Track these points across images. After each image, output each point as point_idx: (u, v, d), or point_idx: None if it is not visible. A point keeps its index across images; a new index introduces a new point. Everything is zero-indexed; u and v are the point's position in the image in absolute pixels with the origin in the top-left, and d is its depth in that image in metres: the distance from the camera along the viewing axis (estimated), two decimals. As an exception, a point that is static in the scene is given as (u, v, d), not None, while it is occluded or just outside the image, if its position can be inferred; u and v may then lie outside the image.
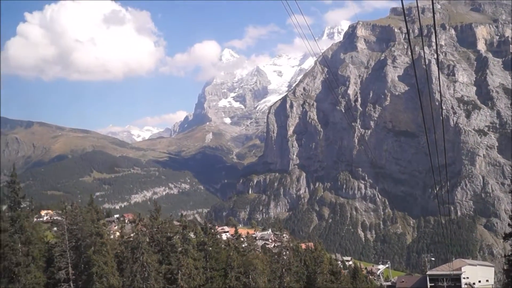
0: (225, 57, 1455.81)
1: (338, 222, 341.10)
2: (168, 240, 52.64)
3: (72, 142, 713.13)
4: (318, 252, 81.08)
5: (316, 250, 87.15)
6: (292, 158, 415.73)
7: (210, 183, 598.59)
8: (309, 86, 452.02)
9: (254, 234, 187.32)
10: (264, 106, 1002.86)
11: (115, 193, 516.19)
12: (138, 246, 46.24)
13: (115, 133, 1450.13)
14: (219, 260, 56.44)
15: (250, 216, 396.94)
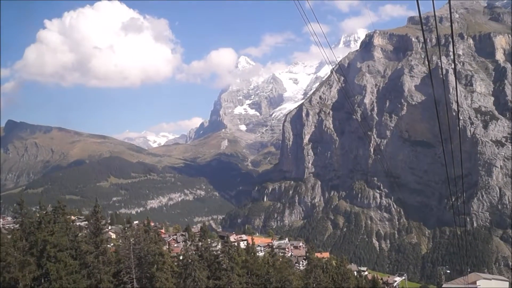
0: (241, 64, 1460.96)
1: (353, 231, 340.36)
2: (216, 258, 57.74)
3: (89, 147, 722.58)
4: (344, 267, 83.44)
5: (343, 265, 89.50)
6: (307, 167, 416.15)
7: (225, 189, 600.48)
8: (325, 95, 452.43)
9: (271, 243, 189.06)
10: (279, 113, 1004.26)
11: (132, 199, 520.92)
12: (190, 263, 51.89)
13: (131, 138, 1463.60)
14: (259, 277, 60.34)
15: (265, 224, 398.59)
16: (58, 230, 47.85)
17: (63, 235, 47.58)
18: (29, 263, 42.12)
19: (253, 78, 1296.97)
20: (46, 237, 44.29)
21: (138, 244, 52.33)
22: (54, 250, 43.61)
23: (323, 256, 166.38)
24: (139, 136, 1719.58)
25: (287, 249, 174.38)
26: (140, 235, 56.59)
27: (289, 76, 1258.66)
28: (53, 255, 43.44)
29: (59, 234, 47.24)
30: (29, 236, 47.07)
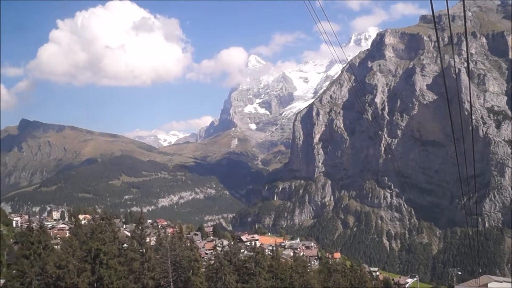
0: (251, 63, 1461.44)
1: (363, 231, 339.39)
2: (244, 263, 61.68)
3: (101, 146, 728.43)
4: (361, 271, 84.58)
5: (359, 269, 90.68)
6: (317, 166, 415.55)
7: (235, 188, 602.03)
8: (336, 94, 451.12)
9: (283, 242, 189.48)
10: (289, 112, 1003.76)
11: (143, 197, 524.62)
12: (220, 268, 56.56)
13: (142, 137, 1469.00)
14: (283, 280, 63.32)
15: (275, 223, 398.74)
16: (108, 240, 52.04)
17: (112, 244, 52.21)
18: (85, 270, 46.71)
19: (263, 77, 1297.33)
20: (99, 246, 48.16)
21: (174, 250, 56.42)
22: (106, 258, 48.13)
23: (335, 257, 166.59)
24: (150, 135, 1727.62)
25: (298, 249, 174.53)
26: (175, 242, 61.12)
27: (299, 75, 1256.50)
28: (105, 262, 47.95)
29: (109, 243, 51.64)
30: (83, 245, 50.98)
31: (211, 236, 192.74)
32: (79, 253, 47.11)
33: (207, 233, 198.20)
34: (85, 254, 48.08)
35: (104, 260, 47.63)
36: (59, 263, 46.05)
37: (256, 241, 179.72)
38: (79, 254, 47.51)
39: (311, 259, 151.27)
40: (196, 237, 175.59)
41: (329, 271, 77.01)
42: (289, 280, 63.70)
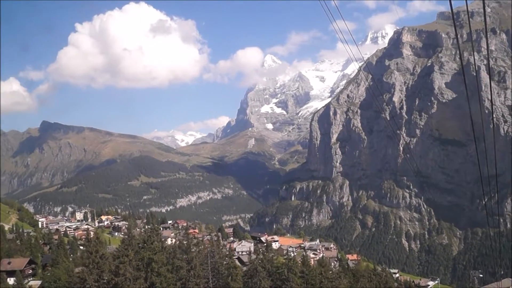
0: (267, 63, 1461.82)
1: (382, 231, 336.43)
2: (277, 270, 64.75)
3: (120, 147, 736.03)
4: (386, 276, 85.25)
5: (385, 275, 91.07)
6: (335, 166, 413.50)
7: (253, 188, 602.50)
8: (353, 93, 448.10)
9: (302, 244, 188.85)
10: (306, 111, 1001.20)
11: (162, 197, 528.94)
12: (255, 274, 59.62)
13: (159, 137, 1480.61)
14: (313, 285, 65.33)
15: (292, 223, 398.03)
16: (158, 249, 56.37)
17: (162, 253, 56.50)
18: (140, 277, 50.80)
19: (279, 76, 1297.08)
20: (150, 256, 52.83)
21: (213, 257, 61.18)
22: (157, 266, 52.55)
23: (354, 258, 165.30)
24: (167, 135, 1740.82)
25: (318, 250, 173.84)
26: (214, 250, 65.59)
27: (316, 74, 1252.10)
28: (156, 270, 52.31)
29: (159, 252, 55.86)
30: (136, 255, 55.05)
31: (231, 237, 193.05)
32: (135, 263, 51.69)
33: (227, 234, 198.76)
34: (139, 263, 52.83)
35: (155, 268, 52.26)
36: (116, 271, 50.02)
37: (276, 242, 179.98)
38: (135, 263, 51.66)
39: (331, 260, 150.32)
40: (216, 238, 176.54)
41: (356, 276, 77.53)
42: (319, 285, 65.79)
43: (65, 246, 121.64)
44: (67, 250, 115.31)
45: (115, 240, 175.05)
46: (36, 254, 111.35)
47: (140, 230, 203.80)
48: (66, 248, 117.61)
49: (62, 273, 71.83)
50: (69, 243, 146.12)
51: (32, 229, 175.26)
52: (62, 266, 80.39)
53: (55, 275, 71.75)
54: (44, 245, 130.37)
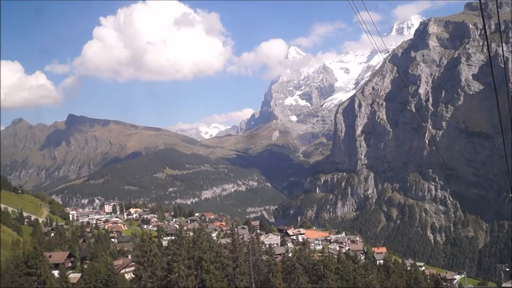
0: (291, 55, 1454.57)
1: (407, 224, 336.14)
2: (314, 266, 67.45)
3: (145, 139, 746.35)
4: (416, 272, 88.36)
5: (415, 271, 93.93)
6: (360, 158, 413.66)
7: (277, 180, 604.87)
8: (378, 85, 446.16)
9: (328, 236, 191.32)
10: (330, 103, 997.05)
11: (187, 189, 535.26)
12: (293, 270, 63.04)
13: (184, 130, 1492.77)
14: (348, 281, 68.61)
15: (317, 215, 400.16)
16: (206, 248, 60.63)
17: (210, 252, 60.33)
18: (191, 275, 55.09)
19: (303, 68, 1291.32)
20: (200, 255, 56.72)
21: (253, 255, 64.15)
22: (206, 265, 56.14)
23: (380, 251, 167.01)
24: (192, 128, 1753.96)
25: (344, 243, 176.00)
26: (255, 247, 68.54)
27: (340, 65, 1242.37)
28: (206, 268, 55.95)
29: (208, 251, 59.98)
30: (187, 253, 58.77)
31: (258, 230, 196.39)
32: (187, 262, 55.60)
33: (254, 227, 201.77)
34: (190, 262, 56.67)
35: (205, 266, 55.91)
36: (169, 268, 55.10)
37: (302, 235, 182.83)
38: (187, 262, 55.54)
39: (357, 253, 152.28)
40: (243, 230, 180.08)
41: (388, 272, 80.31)
42: (353, 281, 68.76)
43: (102, 240, 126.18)
44: (104, 244, 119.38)
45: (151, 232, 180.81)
46: (74, 248, 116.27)
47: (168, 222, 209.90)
48: (104, 242, 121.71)
49: (101, 267, 75.52)
50: (102, 236, 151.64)
51: (64, 221, 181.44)
52: (101, 260, 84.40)
53: (95, 268, 75.15)
54: (78, 238, 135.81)
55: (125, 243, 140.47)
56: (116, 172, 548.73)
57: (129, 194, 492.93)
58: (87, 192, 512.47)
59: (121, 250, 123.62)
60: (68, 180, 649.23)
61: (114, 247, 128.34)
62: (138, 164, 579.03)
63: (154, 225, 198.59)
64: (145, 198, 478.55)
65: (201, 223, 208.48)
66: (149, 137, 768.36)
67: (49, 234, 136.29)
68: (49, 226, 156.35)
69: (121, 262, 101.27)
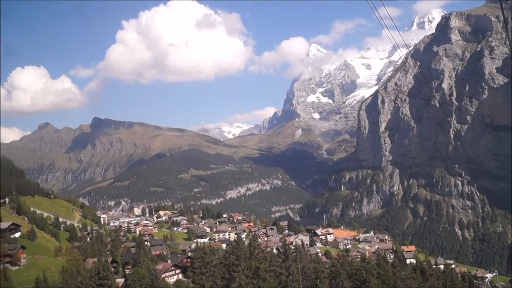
0: (312, 52, 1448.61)
1: (434, 220, 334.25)
2: (356, 271, 69.75)
3: (169, 140, 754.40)
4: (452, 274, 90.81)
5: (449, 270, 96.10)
6: (384, 155, 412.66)
7: (301, 179, 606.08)
8: (401, 81, 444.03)
9: (356, 236, 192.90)
10: (353, 100, 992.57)
11: (211, 189, 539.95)
12: (338, 275, 66.02)
13: (207, 130, 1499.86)
14: (389, 286, 70.61)
15: (342, 213, 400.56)
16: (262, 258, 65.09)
17: (265, 262, 64.83)
18: (250, 284, 57.88)
19: (324, 65, 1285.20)
20: (257, 265, 60.52)
21: (301, 262, 67.84)
22: (263, 274, 59.71)
23: (410, 249, 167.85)
24: (215, 128, 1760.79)
25: (372, 242, 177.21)
26: (303, 256, 72.87)
27: (362, 61, 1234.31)
28: (262, 277, 59.46)
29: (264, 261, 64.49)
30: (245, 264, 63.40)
31: (287, 230, 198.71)
32: (247, 272, 59.52)
33: (282, 227, 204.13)
34: (247, 271, 60.36)
35: (262, 275, 59.37)
36: (230, 278, 60.17)
37: (330, 235, 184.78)
38: (247, 272, 59.46)
39: (387, 252, 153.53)
40: (271, 231, 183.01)
41: (425, 275, 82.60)
42: (393, 285, 70.83)
43: (143, 245, 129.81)
44: (145, 249, 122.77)
45: (180, 235, 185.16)
46: (116, 253, 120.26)
47: (197, 224, 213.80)
48: (144, 247, 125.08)
49: (144, 272, 78.91)
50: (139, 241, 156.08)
51: (96, 225, 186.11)
52: (144, 265, 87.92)
53: (138, 274, 78.34)
54: (113, 242, 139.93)
55: (157, 247, 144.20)
56: (141, 174, 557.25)
57: (154, 196, 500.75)
58: (113, 194, 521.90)
59: (161, 254, 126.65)
60: (94, 182, 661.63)
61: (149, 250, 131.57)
62: (163, 165, 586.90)
63: (184, 227, 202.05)
64: (170, 199, 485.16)
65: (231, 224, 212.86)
66: (173, 138, 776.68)
67: (84, 239, 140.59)
68: (84, 231, 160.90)
69: (161, 267, 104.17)
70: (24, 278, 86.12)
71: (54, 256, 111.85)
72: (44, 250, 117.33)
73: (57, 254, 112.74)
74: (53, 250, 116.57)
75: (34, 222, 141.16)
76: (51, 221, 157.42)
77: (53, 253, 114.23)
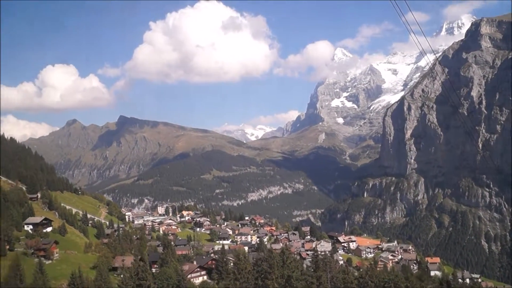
0: (337, 56, 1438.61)
1: (459, 231, 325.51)
2: (384, 284, 69.71)
3: (193, 141, 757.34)
4: None
5: None
6: (409, 162, 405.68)
7: (323, 183, 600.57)
8: (428, 88, 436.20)
9: (380, 245, 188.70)
10: (378, 105, 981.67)
11: (233, 191, 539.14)
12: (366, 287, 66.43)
13: (230, 131, 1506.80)
14: None
15: (365, 220, 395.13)
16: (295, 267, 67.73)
17: (297, 271, 66.79)
18: None
19: (350, 70, 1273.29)
20: (290, 273, 63.27)
21: (330, 272, 68.96)
22: (295, 282, 61.77)
23: (434, 261, 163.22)
24: (238, 129, 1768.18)
25: (396, 251, 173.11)
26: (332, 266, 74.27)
27: (388, 66, 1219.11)
28: (294, 285, 61.69)
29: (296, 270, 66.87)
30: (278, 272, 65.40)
31: (309, 236, 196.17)
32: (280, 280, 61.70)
33: (304, 233, 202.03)
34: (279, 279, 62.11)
35: (294, 284, 60.89)
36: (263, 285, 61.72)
37: (353, 242, 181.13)
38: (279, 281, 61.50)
39: (410, 263, 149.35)
40: (293, 236, 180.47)
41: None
42: None
43: (172, 246, 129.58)
44: (172, 249, 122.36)
45: (202, 235, 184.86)
46: (143, 252, 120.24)
47: (220, 226, 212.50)
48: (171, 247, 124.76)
49: (172, 272, 78.27)
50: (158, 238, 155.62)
51: (121, 222, 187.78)
52: (171, 265, 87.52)
53: (166, 274, 77.91)
54: (138, 240, 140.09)
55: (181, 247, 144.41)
56: (164, 173, 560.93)
57: (177, 195, 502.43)
58: (137, 192, 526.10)
59: (187, 255, 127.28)
60: (118, 179, 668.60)
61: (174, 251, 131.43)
62: (186, 165, 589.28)
63: (207, 228, 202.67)
64: (192, 199, 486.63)
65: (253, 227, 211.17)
66: (197, 138, 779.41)
67: (112, 236, 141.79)
68: (111, 228, 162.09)
69: (187, 268, 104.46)
70: (56, 272, 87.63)
71: (84, 252, 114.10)
72: (74, 245, 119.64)
73: (87, 250, 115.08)
74: (82, 246, 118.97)
75: (64, 217, 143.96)
76: (80, 217, 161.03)
77: (83, 249, 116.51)
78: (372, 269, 72.38)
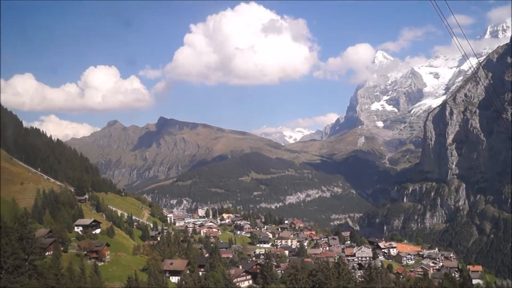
0: (378, 59, 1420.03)
1: (501, 239, 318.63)
2: None
3: (231, 143, 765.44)
4: None
5: None
6: (451, 168, 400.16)
7: (362, 187, 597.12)
8: (471, 92, 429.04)
9: (420, 251, 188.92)
10: (419, 109, 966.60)
11: (271, 194, 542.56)
12: None
13: (268, 133, 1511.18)
14: None
15: (404, 225, 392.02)
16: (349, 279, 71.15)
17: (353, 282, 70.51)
18: None
19: (390, 73, 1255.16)
20: (344, 284, 66.08)
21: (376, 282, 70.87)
22: None
23: (476, 269, 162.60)
24: (276, 132, 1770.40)
25: (437, 259, 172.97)
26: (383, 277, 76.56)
27: (429, 70, 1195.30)
28: None
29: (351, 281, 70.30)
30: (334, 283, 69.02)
31: (349, 241, 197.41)
32: None
33: (344, 238, 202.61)
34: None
35: None
36: None
37: (393, 249, 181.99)
38: None
39: (451, 271, 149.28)
40: (333, 241, 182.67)
41: None
42: None
43: (219, 250, 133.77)
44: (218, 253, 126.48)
45: (243, 238, 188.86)
46: (190, 255, 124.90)
47: (260, 229, 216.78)
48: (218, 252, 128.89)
49: (219, 276, 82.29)
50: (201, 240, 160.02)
51: (163, 224, 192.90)
52: (219, 270, 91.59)
53: (214, 278, 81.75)
54: (182, 243, 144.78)
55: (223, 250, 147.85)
56: (203, 175, 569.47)
57: (215, 197, 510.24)
58: (175, 193, 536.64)
59: (232, 260, 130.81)
60: (157, 180, 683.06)
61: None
62: (224, 167, 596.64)
63: (247, 231, 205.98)
64: (230, 201, 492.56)
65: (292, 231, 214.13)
66: (235, 140, 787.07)
67: (156, 238, 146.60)
68: (155, 230, 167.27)
69: (233, 272, 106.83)
70: (108, 274, 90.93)
71: (133, 254, 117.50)
72: (121, 247, 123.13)
73: (135, 253, 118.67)
74: (129, 248, 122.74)
75: (111, 219, 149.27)
76: (125, 219, 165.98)
77: (131, 251, 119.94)
78: (422, 281, 74.84)
